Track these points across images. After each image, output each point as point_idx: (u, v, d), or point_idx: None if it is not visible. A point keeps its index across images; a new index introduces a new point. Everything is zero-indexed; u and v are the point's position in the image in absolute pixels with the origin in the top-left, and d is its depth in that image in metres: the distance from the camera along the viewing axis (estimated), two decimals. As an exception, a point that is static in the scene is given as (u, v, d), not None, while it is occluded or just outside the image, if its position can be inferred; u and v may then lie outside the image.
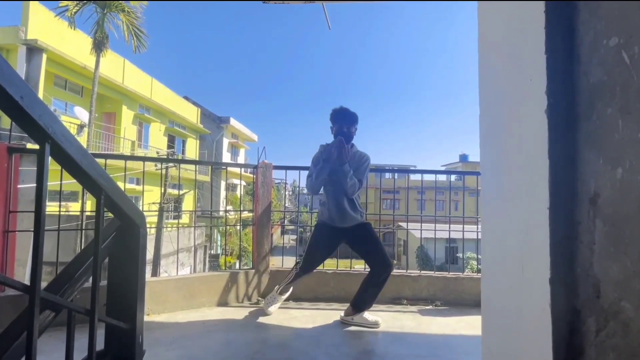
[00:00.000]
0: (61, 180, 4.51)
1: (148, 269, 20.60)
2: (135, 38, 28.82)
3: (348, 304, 5.64)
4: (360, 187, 5.63)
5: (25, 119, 1.25)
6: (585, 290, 1.45)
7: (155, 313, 5.56)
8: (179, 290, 5.86)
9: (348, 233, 5.64)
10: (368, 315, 5.46)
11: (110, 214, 2.28)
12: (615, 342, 1.32)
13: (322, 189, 5.68)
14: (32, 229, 1.38)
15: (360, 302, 5.49)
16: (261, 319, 5.50)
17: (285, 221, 10.05)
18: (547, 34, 1.55)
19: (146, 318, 5.17)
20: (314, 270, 5.88)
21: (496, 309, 1.92)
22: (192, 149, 47.49)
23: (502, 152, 1.90)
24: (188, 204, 36.72)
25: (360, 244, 5.66)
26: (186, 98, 48.94)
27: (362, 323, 5.36)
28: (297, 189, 6.74)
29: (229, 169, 8.34)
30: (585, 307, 1.44)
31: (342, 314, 5.53)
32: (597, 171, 1.41)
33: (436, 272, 6.88)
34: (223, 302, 6.18)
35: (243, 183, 40.80)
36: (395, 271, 6.74)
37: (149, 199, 27.32)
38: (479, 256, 2.41)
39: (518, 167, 1.74)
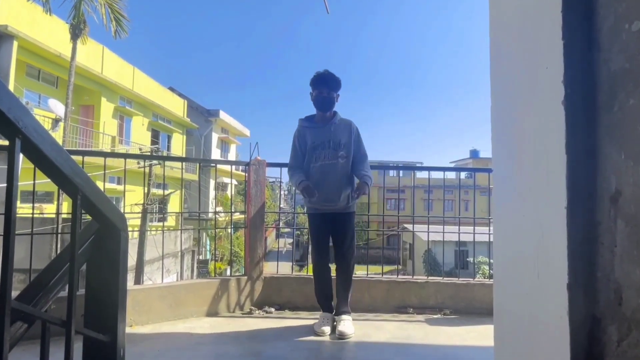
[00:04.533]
0: (34, 180, 4.51)
1: (130, 276, 20.64)
2: (115, 22, 28.52)
3: (354, 313, 5.70)
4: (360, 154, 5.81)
5: (-8, 112, 1.25)
6: (606, 297, 1.44)
7: (139, 324, 5.54)
8: (164, 299, 5.84)
9: (337, 219, 5.75)
10: (346, 323, 5.48)
11: (88, 216, 2.27)
12: (638, 352, 1.33)
13: (312, 162, 5.75)
14: (2, 233, 1.37)
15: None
16: (254, 330, 5.49)
17: (281, 223, 9.98)
18: (564, 19, 1.54)
19: (128, 330, 5.17)
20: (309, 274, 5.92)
21: (509, 318, 1.92)
22: (178, 144, 47.44)
23: (516, 147, 1.90)
24: (174, 205, 36.71)
25: (334, 232, 5.80)
26: (172, 89, 48.99)
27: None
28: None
29: (219, 166, 8.36)
30: (606, 315, 1.44)
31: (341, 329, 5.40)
32: (619, 167, 1.40)
33: (445, 278, 6.89)
34: (213, 312, 6.18)
35: (234, 182, 40.76)
36: (400, 277, 6.79)
37: (131, 199, 27.14)
38: (491, 260, 2.41)
39: (533, 163, 1.74)
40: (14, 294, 1.63)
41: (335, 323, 5.53)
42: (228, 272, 22.26)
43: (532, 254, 1.71)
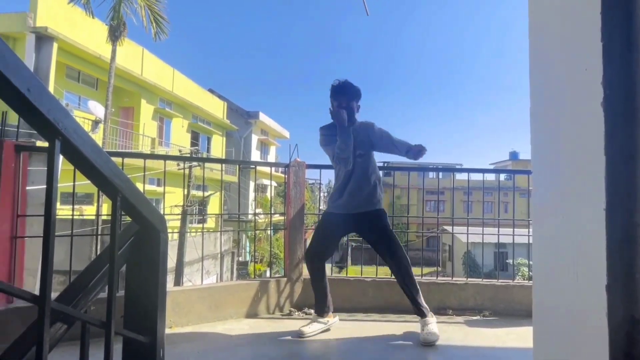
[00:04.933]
0: (74, 181, 4.57)
1: (170, 278, 20.75)
2: (154, 24, 28.63)
3: (388, 315, 5.67)
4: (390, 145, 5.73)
5: (32, 113, 1.26)
6: (645, 298, 1.44)
7: (178, 325, 5.59)
8: (203, 301, 5.87)
9: (358, 220, 5.68)
10: (434, 324, 5.36)
11: (128, 218, 2.29)
12: (677, 353, 1.32)
13: (336, 168, 5.75)
14: (42, 235, 1.39)
15: (417, 306, 5.53)
16: (293, 332, 5.45)
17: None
18: (603, 20, 1.54)
19: (168, 331, 5.23)
20: (348, 276, 5.91)
21: (549, 319, 1.92)
22: (217, 146, 47.67)
23: (555, 149, 1.90)
24: (214, 206, 36.89)
25: (368, 235, 5.76)
26: (211, 91, 49.18)
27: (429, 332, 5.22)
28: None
29: (258, 168, 8.42)
30: (646, 316, 1.44)
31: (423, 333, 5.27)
32: (658, 168, 1.40)
33: (484, 280, 6.89)
34: (252, 314, 6.21)
35: (274, 184, 40.75)
36: (440, 279, 6.77)
37: (171, 201, 27.40)
38: (531, 262, 2.41)
39: (572, 164, 1.74)
40: (54, 295, 1.64)
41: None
42: (268, 274, 22.26)
43: (571, 255, 1.71)
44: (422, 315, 5.45)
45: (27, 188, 5.17)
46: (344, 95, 5.61)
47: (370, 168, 5.73)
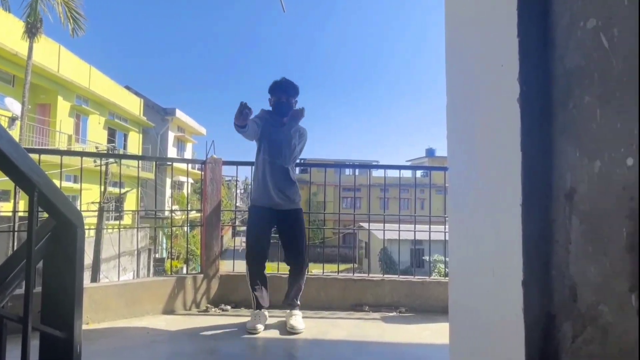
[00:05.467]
0: (-10, 178, 4.46)
1: (87, 275, 20.49)
2: (71, 21, 28.22)
3: (310, 311, 5.75)
4: (297, 158, 5.92)
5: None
6: (561, 294, 1.45)
7: (95, 322, 5.50)
8: (120, 297, 5.81)
9: (280, 216, 5.79)
10: (297, 318, 5.59)
11: (45, 214, 2.25)
12: (592, 348, 1.33)
13: (258, 163, 5.80)
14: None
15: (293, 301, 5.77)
16: (210, 328, 5.48)
17: (237, 222, 10.00)
18: (520, 16, 1.54)
19: (85, 327, 5.11)
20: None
21: (465, 315, 1.92)
22: (134, 143, 47.11)
23: (471, 145, 1.90)
24: (130, 203, 36.50)
25: (287, 231, 5.85)
26: (128, 88, 48.56)
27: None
28: (250, 186, 6.73)
29: (175, 165, 8.33)
30: (561, 312, 1.44)
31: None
32: (574, 164, 1.41)
33: (400, 277, 6.95)
34: (169, 310, 6.16)
35: (190, 180, 40.68)
36: (356, 275, 6.84)
37: (88, 198, 27.03)
38: (447, 259, 2.42)
39: (488, 161, 1.74)
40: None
41: (285, 318, 5.62)
42: (184, 271, 22.22)
43: (488, 252, 1.71)
44: (293, 307, 5.73)
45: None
46: (284, 91, 5.79)
47: (292, 168, 5.89)
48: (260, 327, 5.41)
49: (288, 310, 5.69)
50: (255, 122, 5.64)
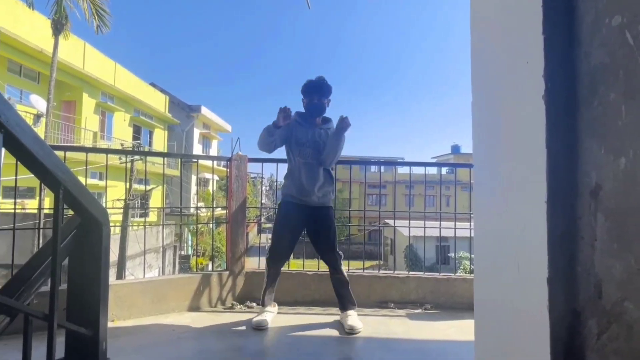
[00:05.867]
0: (16, 175, 4.48)
1: (112, 272, 20.55)
2: (96, 17, 28.24)
3: (330, 308, 5.71)
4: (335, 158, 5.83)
5: (-26, 106, 1.23)
6: (585, 290, 1.45)
7: (120, 319, 5.51)
8: (146, 294, 5.82)
9: (312, 212, 5.75)
10: (353, 317, 5.51)
11: (70, 211, 2.26)
12: (617, 345, 1.33)
13: (293, 166, 5.79)
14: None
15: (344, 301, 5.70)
16: (236, 325, 5.48)
17: (262, 218, 10.01)
18: (545, 13, 1.54)
19: (110, 324, 5.12)
20: (291, 269, 5.93)
21: (490, 312, 1.92)
22: (160, 140, 47.11)
23: (497, 142, 1.90)
24: (156, 200, 36.58)
25: (318, 229, 5.82)
26: (153, 85, 48.66)
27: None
28: (275, 183, 6.72)
29: (201, 162, 8.33)
30: (586, 309, 1.44)
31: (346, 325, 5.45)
32: (599, 161, 1.40)
33: (426, 273, 6.91)
34: (194, 307, 6.16)
35: (216, 177, 40.76)
36: (382, 272, 6.81)
37: (113, 195, 27.10)
38: (472, 255, 2.41)
39: (513, 157, 1.74)
40: (-4, 288, 1.62)
41: (341, 319, 5.59)
42: (210, 267, 22.21)
43: (513, 249, 1.71)
44: (347, 308, 5.66)
45: (-33, 182, 5.09)
46: (316, 92, 5.76)
47: (328, 168, 5.88)
48: (265, 324, 5.39)
49: (342, 312, 5.66)
50: (281, 134, 5.68)
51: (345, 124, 5.55)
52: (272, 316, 5.64)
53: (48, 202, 19.20)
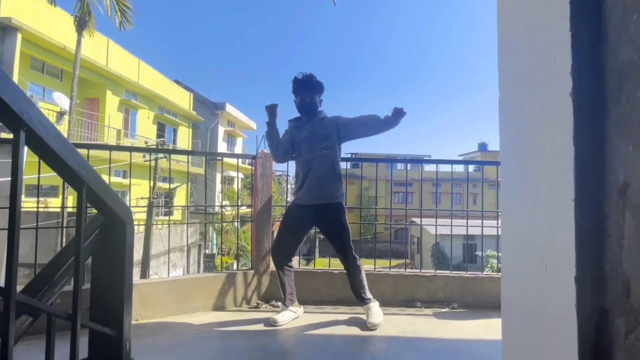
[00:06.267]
0: (39, 173, 4.53)
1: (136, 271, 20.66)
2: (119, 13, 28.34)
3: (356, 307, 5.73)
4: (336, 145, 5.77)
5: (-4, 104, 1.25)
6: (613, 289, 1.45)
7: (145, 318, 5.57)
8: (170, 294, 5.86)
9: (319, 211, 5.72)
10: (373, 312, 5.54)
11: (93, 210, 2.27)
12: (646, 344, 1.33)
13: (298, 166, 5.81)
14: (7, 227, 1.37)
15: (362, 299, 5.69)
16: (261, 325, 5.50)
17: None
18: (572, 10, 1.54)
19: (134, 323, 5.19)
20: (316, 268, 5.95)
21: (517, 311, 1.92)
22: (184, 138, 47.36)
23: (524, 140, 1.90)
24: (180, 198, 36.70)
25: (328, 227, 5.83)
26: (177, 82, 48.74)
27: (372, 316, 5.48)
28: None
29: (225, 159, 8.41)
30: (614, 307, 1.44)
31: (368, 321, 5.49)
32: (627, 159, 1.40)
33: (453, 272, 6.94)
34: (219, 306, 6.19)
35: (240, 175, 40.77)
36: (408, 271, 6.80)
37: (137, 193, 27.29)
38: (500, 254, 2.41)
39: (541, 155, 1.74)
40: (19, 288, 1.63)
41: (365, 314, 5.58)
42: (235, 266, 22.26)
43: (540, 247, 1.71)
44: (365, 303, 5.66)
45: (-8, 180, 5.14)
46: (307, 90, 5.69)
47: (336, 161, 5.75)
48: (281, 321, 5.43)
49: (365, 306, 5.64)
50: (285, 142, 5.78)
51: (402, 113, 5.44)
52: (293, 316, 5.65)
53: (71, 200, 19.32)
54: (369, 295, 5.71)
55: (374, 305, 5.62)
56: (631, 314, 1.38)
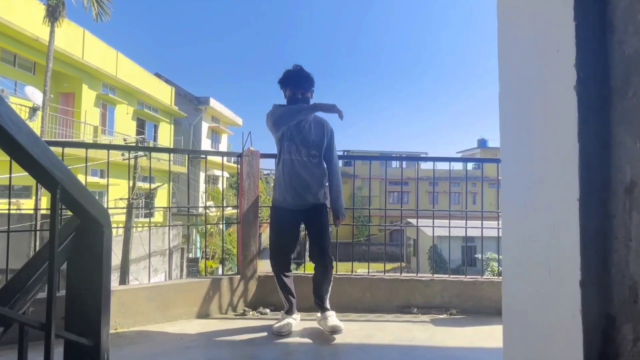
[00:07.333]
0: (10, 173, 4.52)
1: (115, 276, 20.66)
2: (95, 4, 28.37)
3: (349, 313, 5.74)
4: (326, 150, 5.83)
5: (-39, 100, 1.24)
6: (620, 294, 1.46)
7: (124, 327, 5.53)
8: (151, 301, 5.83)
9: (305, 213, 5.76)
10: (334, 318, 5.52)
11: (69, 212, 2.27)
12: (654, 352, 1.34)
13: (283, 162, 5.69)
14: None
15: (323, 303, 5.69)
16: (248, 333, 5.49)
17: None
18: (576, -1, 1.55)
19: (113, 333, 5.17)
20: (307, 273, 5.95)
21: (519, 317, 1.93)
22: (165, 135, 47.23)
23: (526, 136, 1.91)
24: (161, 199, 36.68)
25: (311, 228, 5.84)
26: (158, 75, 48.65)
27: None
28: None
29: (209, 158, 8.35)
30: (621, 313, 1.45)
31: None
32: (634, 156, 1.41)
33: (451, 276, 6.93)
34: (204, 314, 6.18)
35: (226, 174, 40.78)
36: (404, 275, 6.83)
37: (116, 194, 27.14)
38: (500, 257, 2.43)
39: (544, 152, 1.75)
40: (-10, 295, 1.63)
41: (321, 321, 5.55)
42: (220, 271, 22.26)
43: (543, 250, 1.72)
44: (325, 310, 5.63)
45: (-41, 181, 5.13)
46: (299, 85, 5.66)
47: (323, 166, 5.81)
48: (285, 330, 5.40)
49: (320, 314, 5.62)
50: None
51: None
52: (296, 323, 5.65)
53: (45, 202, 19.29)
54: (328, 303, 5.73)
55: (333, 313, 5.61)
56: (639, 320, 1.39)
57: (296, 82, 5.62)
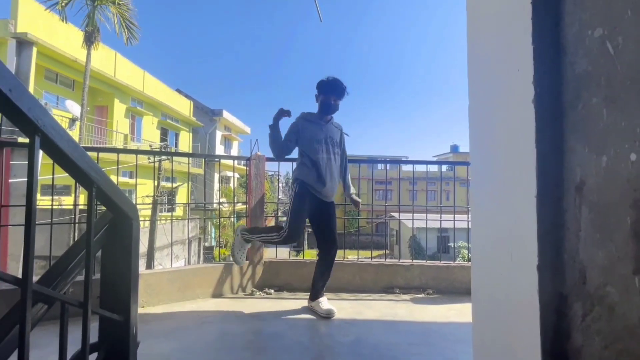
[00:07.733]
0: (53, 174, 4.51)
1: (142, 262, 20.60)
2: (126, 30, 28.50)
3: (341, 293, 5.74)
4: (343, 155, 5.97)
5: (14, 111, 1.24)
6: (572, 276, 1.46)
7: (150, 305, 5.56)
8: (173, 282, 5.86)
9: (323, 206, 5.70)
10: (325, 303, 5.50)
11: (103, 207, 2.27)
12: (600, 326, 1.34)
13: (314, 155, 5.59)
14: (24, 223, 1.37)
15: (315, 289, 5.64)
16: (256, 310, 5.51)
17: (279, 212, 10.06)
18: (534, 25, 1.56)
19: (140, 310, 5.17)
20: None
21: (486, 297, 1.93)
22: (185, 142, 47.28)
23: (491, 142, 1.91)
24: (182, 196, 36.61)
25: (327, 221, 5.75)
26: (179, 91, 48.72)
27: (317, 312, 5.43)
28: (290, 181, 6.76)
29: (222, 161, 8.26)
30: (572, 293, 1.46)
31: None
32: (583, 160, 1.42)
33: (428, 262, 6.96)
34: (218, 294, 6.20)
35: (236, 175, 40.65)
36: (388, 261, 6.85)
37: (143, 192, 27.23)
38: (470, 245, 2.42)
39: (507, 156, 1.75)
40: (35, 278, 1.63)
41: (315, 306, 5.52)
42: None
43: (506, 239, 1.72)
44: (321, 296, 5.61)
45: (10, 180, 5.13)
46: (336, 93, 5.69)
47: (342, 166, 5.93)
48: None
49: (315, 300, 5.56)
50: (289, 140, 5.64)
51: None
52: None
53: (82, 198, 19.28)
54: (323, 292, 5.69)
55: (325, 298, 5.59)
56: (587, 299, 1.39)
57: (334, 90, 5.65)
